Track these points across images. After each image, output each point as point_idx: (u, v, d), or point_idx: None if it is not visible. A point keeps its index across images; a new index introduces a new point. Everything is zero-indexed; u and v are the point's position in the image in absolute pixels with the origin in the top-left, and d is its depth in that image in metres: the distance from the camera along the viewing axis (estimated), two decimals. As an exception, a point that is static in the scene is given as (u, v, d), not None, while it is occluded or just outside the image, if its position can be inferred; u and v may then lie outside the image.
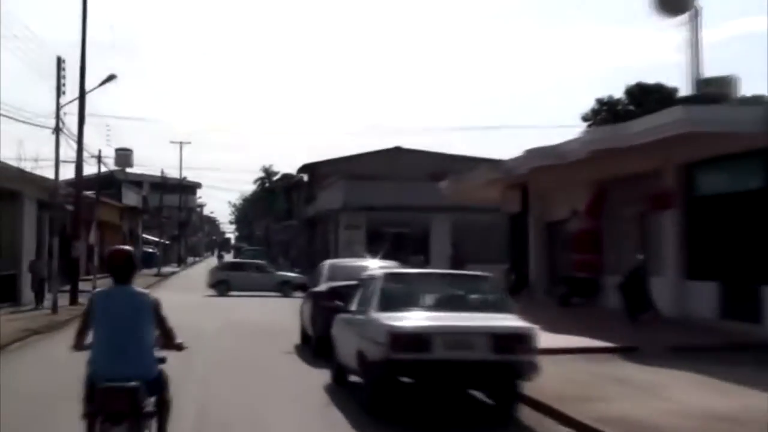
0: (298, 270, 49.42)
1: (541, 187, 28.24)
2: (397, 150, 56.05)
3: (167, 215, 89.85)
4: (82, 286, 34.32)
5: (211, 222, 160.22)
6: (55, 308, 25.14)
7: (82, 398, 6.06)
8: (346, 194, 45.81)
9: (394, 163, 52.83)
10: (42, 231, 30.02)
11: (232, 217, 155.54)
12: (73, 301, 29.24)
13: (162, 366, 6.32)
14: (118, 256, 6.29)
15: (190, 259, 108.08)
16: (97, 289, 6.70)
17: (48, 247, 28.96)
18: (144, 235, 73.66)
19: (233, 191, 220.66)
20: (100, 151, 37.37)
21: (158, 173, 78.55)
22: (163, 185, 78.18)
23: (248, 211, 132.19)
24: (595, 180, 24.10)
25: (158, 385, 6.20)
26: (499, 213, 43.26)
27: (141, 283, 29.96)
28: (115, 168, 72.42)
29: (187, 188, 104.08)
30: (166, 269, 70.16)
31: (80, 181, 29.79)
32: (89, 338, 6.18)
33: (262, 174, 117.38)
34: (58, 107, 27.44)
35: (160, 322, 6.31)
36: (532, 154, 23.26)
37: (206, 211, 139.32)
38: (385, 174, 48.19)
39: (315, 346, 15.77)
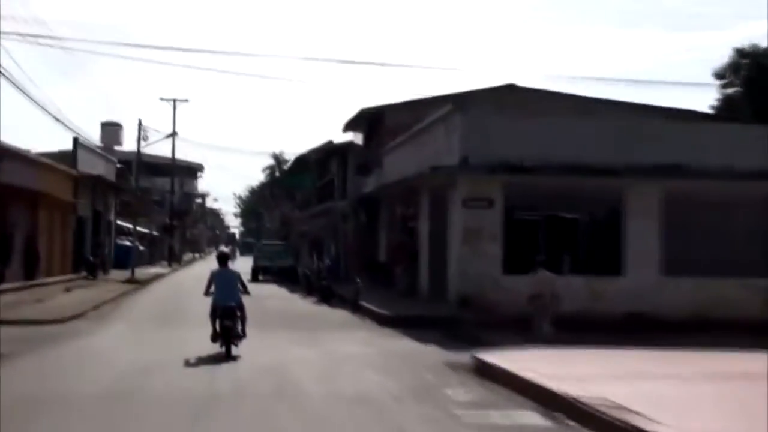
0: (359, 281, 28.79)
1: None
2: (510, 89, 35.78)
3: (158, 198, 69.49)
4: None
5: (215, 214, 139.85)
6: None
7: (210, 313, 15.04)
8: (465, 140, 24.01)
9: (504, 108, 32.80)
10: None
11: (236, 210, 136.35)
12: None
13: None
14: (223, 254, 16.42)
15: (189, 256, 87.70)
16: (214, 269, 15.73)
17: None
18: (121, 223, 52.95)
19: (236, 181, 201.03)
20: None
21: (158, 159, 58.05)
22: (146, 160, 57.45)
23: (257, 202, 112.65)
24: None
25: (241, 306, 15.26)
26: (752, 179, 23.41)
27: (96, 294, 21.53)
28: (100, 144, 54.22)
29: (187, 170, 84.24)
30: (149, 270, 49.83)
31: None
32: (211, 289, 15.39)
33: (271, 161, 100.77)
34: None
35: (241, 282, 15.68)
36: None
37: (209, 201, 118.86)
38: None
39: None
